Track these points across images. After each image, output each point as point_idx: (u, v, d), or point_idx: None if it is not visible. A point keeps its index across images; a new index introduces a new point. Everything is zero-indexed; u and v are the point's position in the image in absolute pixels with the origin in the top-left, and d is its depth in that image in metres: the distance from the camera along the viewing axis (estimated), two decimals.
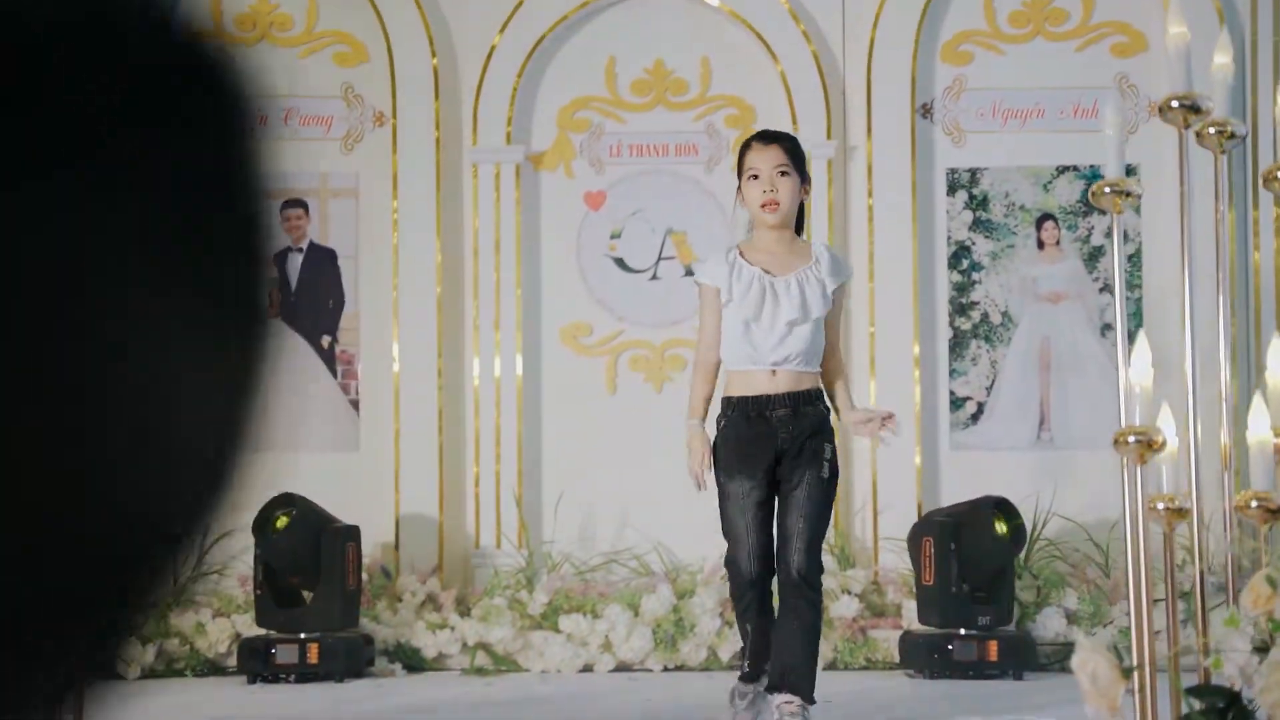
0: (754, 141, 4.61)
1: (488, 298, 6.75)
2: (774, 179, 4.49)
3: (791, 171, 4.52)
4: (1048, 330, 6.74)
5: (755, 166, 4.53)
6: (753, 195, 4.53)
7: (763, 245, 4.58)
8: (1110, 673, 2.82)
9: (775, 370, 4.44)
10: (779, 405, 4.42)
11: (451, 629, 6.29)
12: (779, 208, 4.50)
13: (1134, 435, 3.14)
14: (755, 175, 4.52)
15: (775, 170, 4.50)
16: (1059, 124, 6.72)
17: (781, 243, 4.56)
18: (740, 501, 4.42)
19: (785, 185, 4.50)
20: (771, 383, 4.44)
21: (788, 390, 4.44)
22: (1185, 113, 3.15)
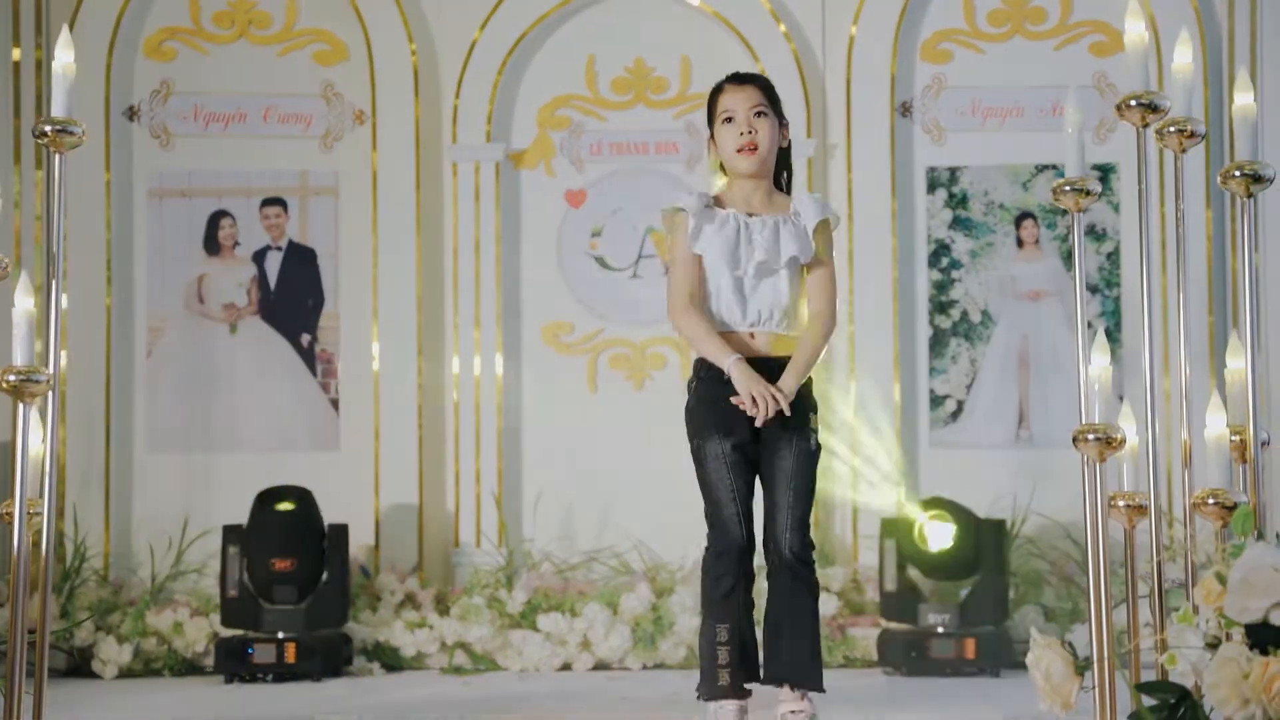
0: (726, 84, 4.31)
1: (468, 296, 6.75)
2: (750, 120, 4.21)
3: (769, 112, 4.25)
4: (1027, 328, 6.74)
5: (730, 108, 4.24)
6: (728, 139, 4.22)
7: (740, 193, 4.27)
8: (1064, 669, 2.84)
9: (754, 333, 4.18)
10: (759, 370, 4.11)
11: (430, 628, 6.29)
12: (757, 150, 4.20)
13: (1093, 433, 3.15)
14: (730, 118, 4.24)
15: (751, 111, 4.22)
16: (1038, 123, 6.73)
17: (759, 192, 4.26)
18: (720, 461, 4.13)
19: (763, 126, 4.22)
20: (751, 345, 4.17)
21: (766, 354, 4.16)
22: (1144, 111, 3.16)
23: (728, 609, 4.10)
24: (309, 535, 6.15)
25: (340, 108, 6.85)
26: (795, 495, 4.13)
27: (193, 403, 6.71)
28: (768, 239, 4.16)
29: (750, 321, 4.18)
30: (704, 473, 4.18)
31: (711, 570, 4.13)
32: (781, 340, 4.18)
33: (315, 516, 6.18)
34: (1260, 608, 2.54)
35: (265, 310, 6.80)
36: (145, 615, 6.25)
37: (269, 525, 6.11)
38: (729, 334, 4.17)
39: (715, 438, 4.15)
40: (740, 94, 4.25)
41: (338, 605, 6.16)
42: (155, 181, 6.77)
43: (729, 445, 4.14)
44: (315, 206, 6.84)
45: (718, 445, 4.14)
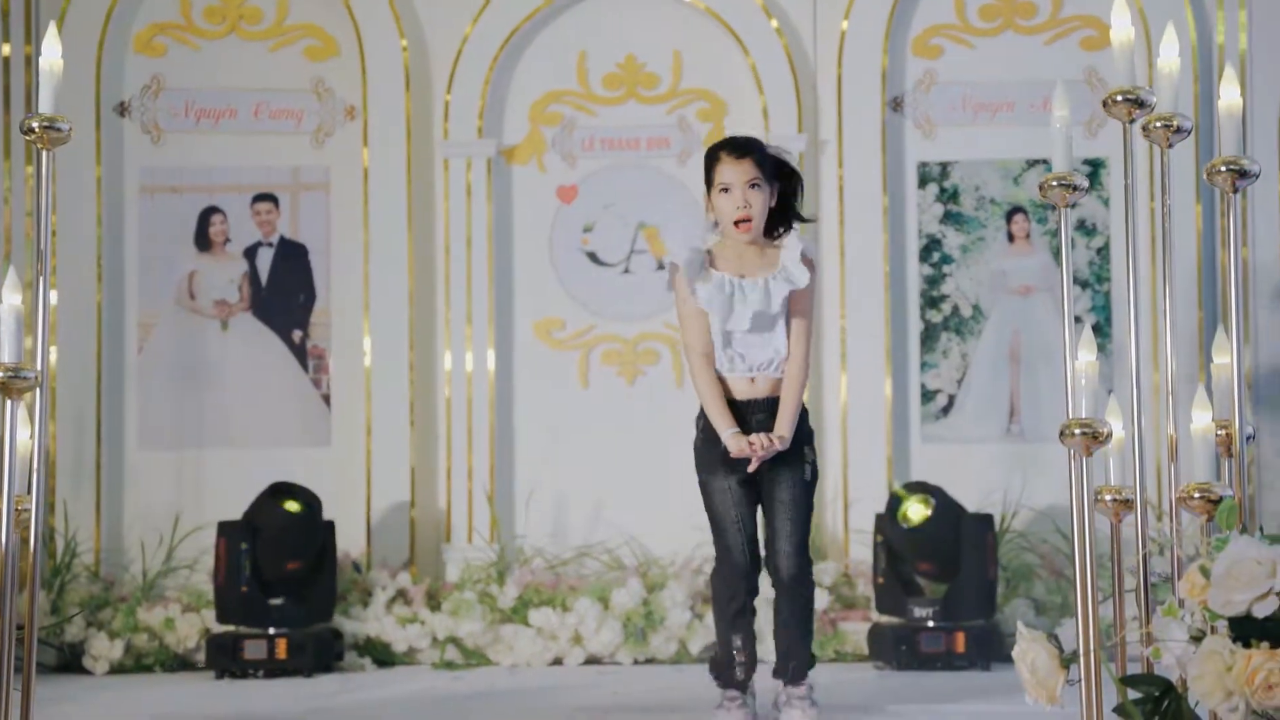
0: (723, 154, 4.64)
1: (459, 292, 6.76)
2: (746, 194, 4.58)
3: (762, 183, 4.61)
4: (1018, 323, 6.76)
5: (727, 181, 4.60)
6: (726, 210, 4.61)
7: (734, 251, 4.67)
8: (1050, 663, 2.84)
9: (754, 378, 4.60)
10: (758, 410, 4.59)
11: (422, 623, 6.30)
12: (751, 224, 4.60)
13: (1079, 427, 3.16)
14: (726, 189, 4.61)
15: (747, 184, 4.58)
16: (1029, 117, 6.74)
17: (751, 250, 4.66)
18: (725, 495, 4.59)
19: (757, 199, 4.59)
20: (750, 389, 4.61)
21: (766, 396, 4.60)
22: (1129, 106, 3.16)
23: (739, 624, 4.64)
24: (314, 537, 6.16)
25: (331, 103, 6.85)
26: (794, 524, 4.60)
27: (184, 399, 6.71)
28: (759, 299, 4.57)
29: (749, 368, 4.61)
30: (711, 505, 4.65)
31: (723, 593, 4.66)
32: (778, 383, 4.62)
33: (318, 517, 6.19)
34: (1243, 601, 2.54)
35: (257, 306, 6.80)
36: (136, 611, 6.25)
37: (276, 524, 6.11)
38: (732, 379, 4.62)
39: (720, 474, 4.60)
40: (737, 168, 4.60)
41: (327, 600, 6.17)
42: (146, 177, 6.77)
43: (734, 481, 4.60)
44: (306, 202, 6.84)
45: (723, 481, 4.60)
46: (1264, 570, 2.53)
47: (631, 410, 6.79)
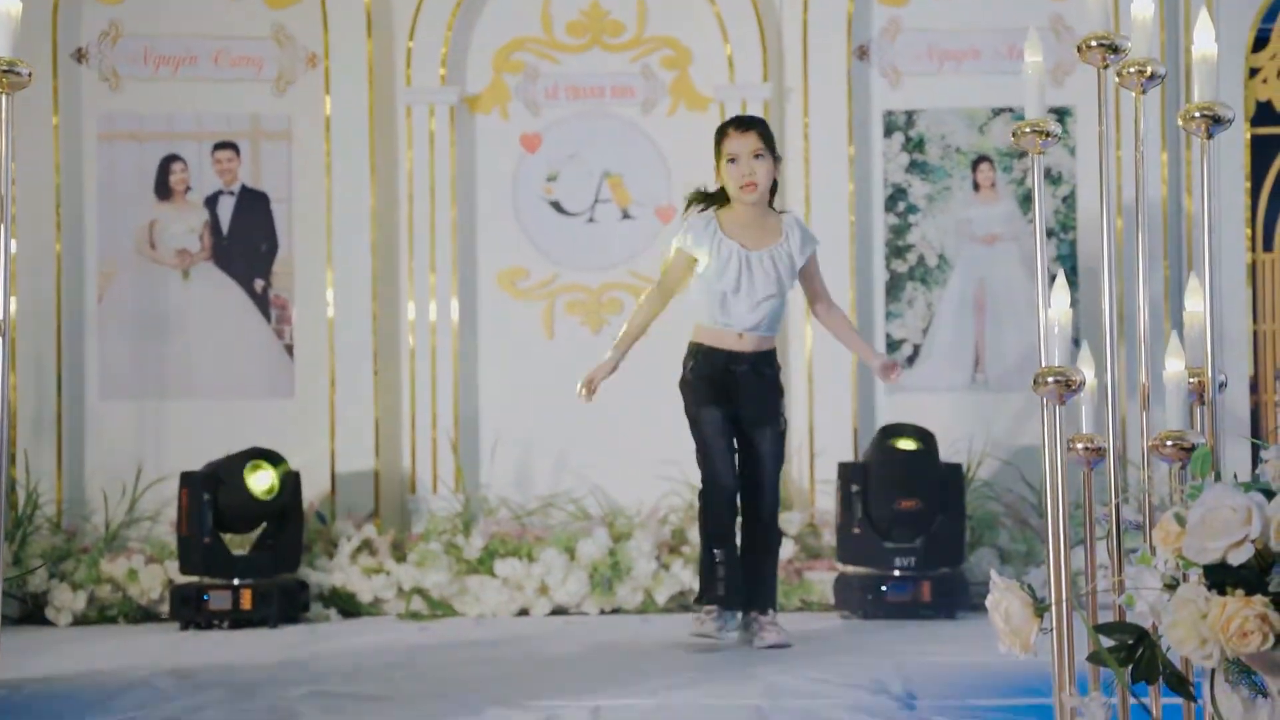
0: (730, 129, 5.14)
1: (423, 241, 6.71)
2: (751, 163, 5.07)
3: (766, 154, 5.11)
4: (983, 272, 6.75)
5: (734, 151, 5.09)
6: (732, 178, 5.09)
7: (740, 219, 5.14)
8: (1024, 611, 2.84)
9: (743, 334, 5.12)
10: (742, 362, 5.14)
11: (387, 574, 6.28)
12: (756, 189, 5.08)
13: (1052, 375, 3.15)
14: (734, 159, 5.08)
15: (752, 155, 5.08)
16: (994, 66, 6.71)
17: (756, 216, 5.14)
18: (714, 425, 5.11)
19: (761, 168, 5.08)
20: (739, 343, 5.13)
21: (752, 350, 5.14)
22: (1104, 51, 3.14)
23: (721, 537, 5.13)
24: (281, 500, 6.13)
25: (292, 50, 6.77)
26: (773, 472, 5.19)
27: (145, 349, 6.65)
28: (770, 275, 5.11)
29: (744, 328, 5.12)
30: (700, 434, 5.14)
31: (709, 508, 5.16)
32: (763, 340, 5.18)
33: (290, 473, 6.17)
34: (1218, 548, 2.54)
35: (218, 255, 6.74)
36: (99, 562, 6.21)
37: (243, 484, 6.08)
38: (723, 331, 5.13)
39: (710, 406, 5.12)
40: (743, 140, 5.10)
41: (293, 551, 6.14)
42: (105, 125, 6.69)
43: (721, 414, 5.13)
44: (268, 150, 6.77)
45: (712, 413, 5.11)
46: (1239, 517, 2.53)
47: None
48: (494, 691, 4.19)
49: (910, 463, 6.06)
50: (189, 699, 4.17)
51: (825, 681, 4.30)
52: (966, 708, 3.80)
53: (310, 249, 6.71)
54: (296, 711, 3.88)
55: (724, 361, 5.14)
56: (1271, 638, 2.47)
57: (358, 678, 4.53)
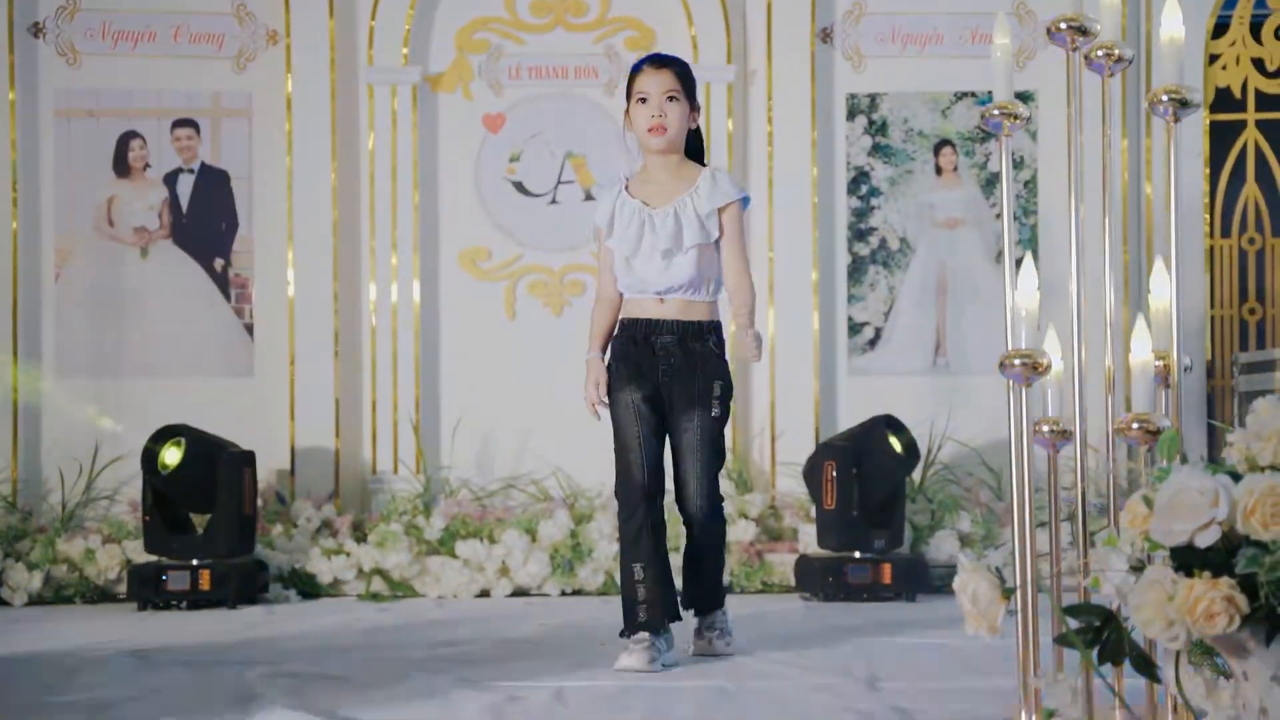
0: (644, 65, 4.53)
1: (384, 221, 6.67)
2: (662, 104, 4.44)
3: (680, 97, 4.47)
4: (944, 256, 6.77)
5: (644, 90, 4.47)
6: (640, 119, 4.48)
7: (650, 175, 4.54)
8: (990, 593, 2.85)
9: (662, 298, 4.45)
10: (665, 331, 4.44)
11: (347, 555, 6.25)
12: (666, 132, 4.45)
13: (1019, 358, 3.16)
14: (643, 99, 4.47)
15: (664, 95, 4.45)
16: (957, 50, 6.73)
17: (668, 169, 4.51)
18: (630, 410, 4.43)
19: (673, 110, 4.45)
20: (659, 309, 4.45)
21: (675, 318, 4.45)
22: (1073, 34, 3.15)
23: (639, 548, 4.39)
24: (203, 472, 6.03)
25: (253, 27, 6.72)
26: (703, 465, 4.45)
27: (103, 327, 6.60)
28: (669, 229, 4.42)
29: (658, 290, 4.45)
30: (615, 419, 4.47)
31: (622, 511, 4.47)
32: (690, 306, 4.46)
33: (207, 449, 6.06)
34: (1185, 530, 2.55)
35: (177, 234, 6.69)
36: (56, 542, 6.17)
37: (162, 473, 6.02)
38: (642, 299, 4.47)
39: (628, 388, 4.45)
40: (656, 77, 4.48)
41: (250, 532, 6.11)
42: (62, 101, 6.62)
43: (638, 397, 4.44)
44: (228, 128, 6.72)
45: (629, 395, 4.44)
46: (1206, 500, 2.54)
47: (558, 341, 6.74)
48: (457, 672, 4.18)
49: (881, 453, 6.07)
50: (150, 679, 4.14)
51: (789, 664, 4.30)
52: (930, 690, 3.81)
53: (271, 228, 6.67)
54: (259, 692, 3.86)
55: (644, 334, 4.45)
56: (1238, 619, 2.48)
57: (320, 658, 4.51)
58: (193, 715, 3.56)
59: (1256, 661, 2.56)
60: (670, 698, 3.81)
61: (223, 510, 6.01)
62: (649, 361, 4.44)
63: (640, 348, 4.45)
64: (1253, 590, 2.49)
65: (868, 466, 6.02)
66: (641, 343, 4.45)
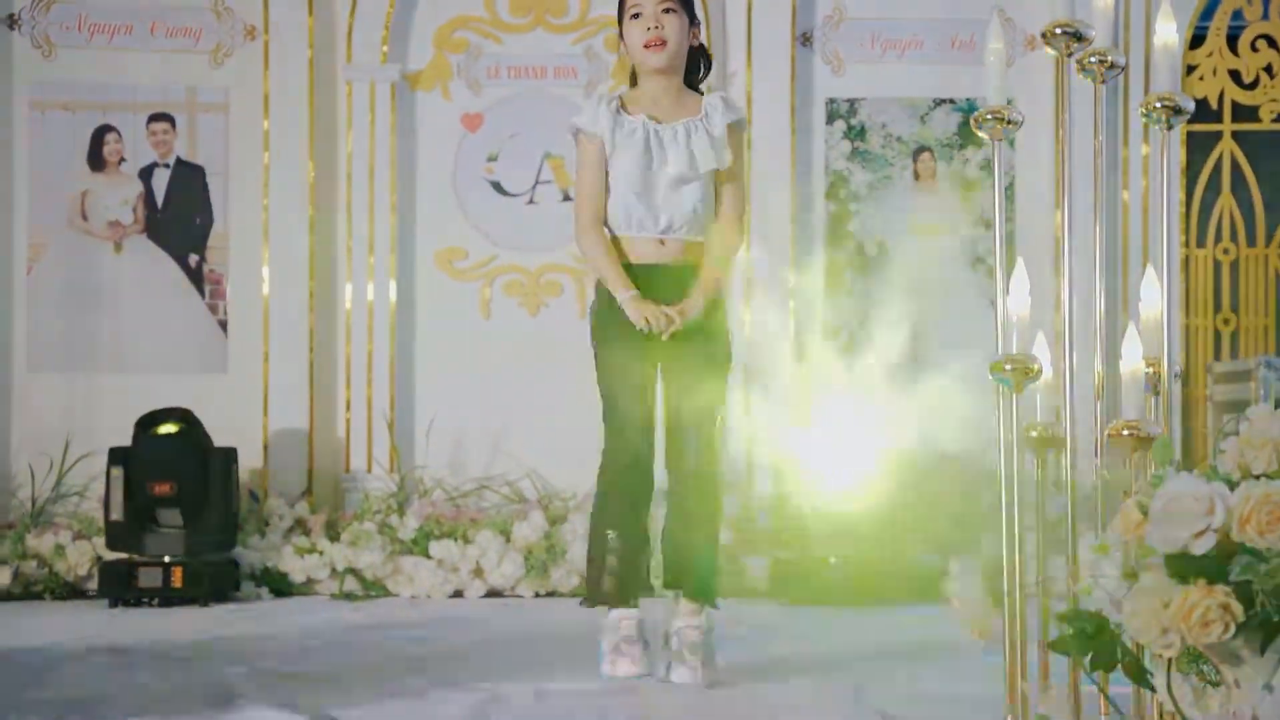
0: None
1: (361, 220, 6.64)
2: (659, 16, 4.04)
3: (678, 9, 4.08)
4: (921, 262, 6.77)
5: (638, 4, 4.07)
6: (635, 35, 4.08)
7: (648, 94, 4.11)
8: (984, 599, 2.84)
9: (663, 239, 4.03)
10: (666, 276, 4.01)
11: (320, 554, 6.22)
12: (665, 47, 4.04)
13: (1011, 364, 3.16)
14: (638, 13, 4.07)
15: (659, 6, 4.05)
16: (937, 56, 6.74)
17: (669, 92, 4.10)
18: (620, 370, 4.00)
19: (672, 22, 4.05)
20: (658, 251, 4.03)
21: (676, 260, 4.03)
22: (1069, 40, 3.15)
23: (620, 513, 4.03)
24: (193, 458, 6.02)
25: (230, 22, 6.68)
26: (703, 411, 4.03)
27: (75, 322, 6.55)
28: (680, 148, 4.03)
29: (661, 229, 4.04)
30: (603, 376, 4.06)
31: (606, 472, 4.06)
32: (692, 246, 4.06)
33: (200, 438, 6.06)
34: (1181, 537, 2.55)
35: (151, 229, 6.64)
36: (25, 538, 6.11)
37: (151, 448, 5.98)
38: (638, 239, 4.05)
39: (617, 346, 4.02)
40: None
41: (225, 530, 6.07)
42: (36, 93, 6.57)
43: (630, 355, 4.01)
44: (204, 123, 6.67)
45: (619, 355, 4.02)
46: (1201, 507, 2.54)
47: (534, 342, 6.73)
48: (435, 672, 4.16)
49: None
50: (125, 676, 4.10)
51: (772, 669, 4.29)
52: (914, 694, 3.80)
53: (246, 225, 6.63)
54: (236, 690, 3.83)
55: (645, 279, 4.00)
56: (1233, 627, 2.48)
57: (296, 657, 4.48)
58: (171, 713, 3.53)
59: (1249, 669, 2.57)
60: (652, 699, 3.80)
61: (214, 507, 5.99)
62: None
63: None
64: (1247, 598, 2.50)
65: None
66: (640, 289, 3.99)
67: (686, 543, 4.05)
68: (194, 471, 6.00)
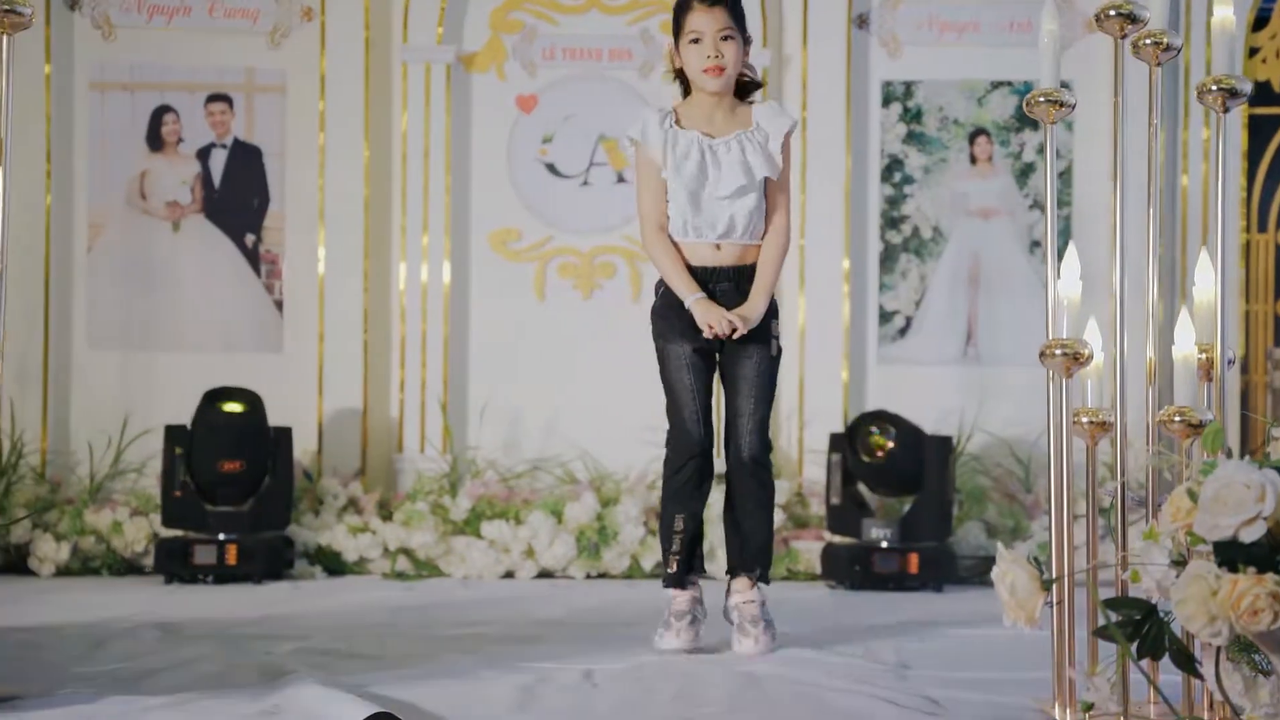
0: (695, 3, 4.32)
1: (416, 201, 6.66)
2: (717, 44, 4.28)
3: (735, 35, 4.32)
4: (977, 246, 6.74)
5: (698, 29, 4.29)
6: (695, 60, 4.31)
7: (702, 110, 4.36)
8: (1030, 584, 2.83)
9: (720, 244, 4.31)
10: (723, 279, 4.30)
11: (373, 533, 6.25)
12: (723, 73, 4.29)
13: (1061, 348, 3.14)
14: (697, 39, 4.29)
15: (719, 34, 4.28)
16: (994, 38, 6.69)
17: (722, 106, 4.36)
18: (681, 362, 4.31)
19: (730, 50, 4.30)
20: (715, 256, 4.31)
21: (732, 264, 4.31)
22: (1122, 21, 3.13)
23: (683, 498, 4.35)
24: (257, 438, 6.08)
25: (288, 4, 6.71)
26: (756, 401, 4.33)
27: (134, 300, 6.61)
28: (735, 161, 4.30)
29: (718, 234, 4.31)
30: (666, 373, 4.36)
31: (671, 463, 4.36)
32: (747, 250, 4.33)
33: (263, 419, 6.11)
34: (1231, 525, 2.53)
35: (209, 208, 6.69)
36: (84, 514, 6.18)
37: (217, 426, 6.03)
38: (696, 245, 4.32)
39: (678, 341, 4.32)
40: (708, 16, 4.31)
41: (280, 508, 6.12)
42: (97, 74, 6.62)
43: (690, 348, 4.32)
44: (261, 104, 6.71)
45: (680, 347, 4.32)
46: (1252, 494, 2.52)
47: (587, 324, 6.74)
48: (485, 652, 4.17)
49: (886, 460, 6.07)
50: (176, 651, 4.14)
51: (817, 651, 4.29)
52: (959, 679, 3.79)
53: (302, 205, 6.67)
54: (286, 667, 3.86)
55: (700, 281, 4.29)
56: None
57: (346, 636, 4.51)
58: (222, 688, 3.56)
59: None
60: (699, 681, 3.80)
61: (270, 485, 6.06)
62: None
63: None
64: None
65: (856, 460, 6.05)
66: None
67: (744, 526, 4.39)
68: (255, 450, 6.05)
